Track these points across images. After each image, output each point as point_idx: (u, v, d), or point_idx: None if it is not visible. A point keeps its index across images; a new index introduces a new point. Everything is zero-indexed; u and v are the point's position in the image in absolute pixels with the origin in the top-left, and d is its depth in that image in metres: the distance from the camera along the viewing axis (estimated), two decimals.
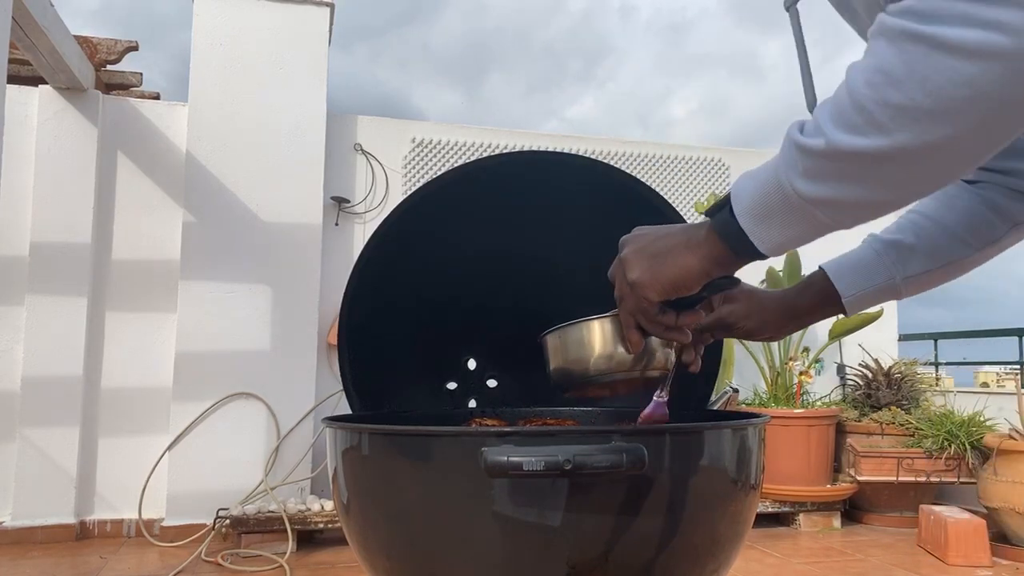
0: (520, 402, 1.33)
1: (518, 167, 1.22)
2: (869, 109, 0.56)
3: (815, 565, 2.65)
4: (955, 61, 0.51)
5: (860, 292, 0.95)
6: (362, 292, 1.20)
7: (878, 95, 0.55)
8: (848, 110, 0.57)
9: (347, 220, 3.37)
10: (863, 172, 0.58)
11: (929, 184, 0.60)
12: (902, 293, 0.96)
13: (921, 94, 0.53)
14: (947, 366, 4.36)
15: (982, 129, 0.54)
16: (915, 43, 0.53)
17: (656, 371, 0.94)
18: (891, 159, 0.56)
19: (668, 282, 0.77)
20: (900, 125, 0.55)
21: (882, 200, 0.60)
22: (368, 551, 0.93)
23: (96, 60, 3.12)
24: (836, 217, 0.63)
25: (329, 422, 0.97)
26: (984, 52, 0.50)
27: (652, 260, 0.77)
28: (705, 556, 0.90)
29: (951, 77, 0.51)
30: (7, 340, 2.95)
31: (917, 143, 0.55)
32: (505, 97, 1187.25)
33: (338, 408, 3.06)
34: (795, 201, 0.63)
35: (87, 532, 2.97)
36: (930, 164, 0.57)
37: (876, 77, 0.55)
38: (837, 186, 0.60)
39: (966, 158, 0.57)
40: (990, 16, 0.49)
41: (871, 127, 0.56)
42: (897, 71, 0.54)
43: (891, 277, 0.94)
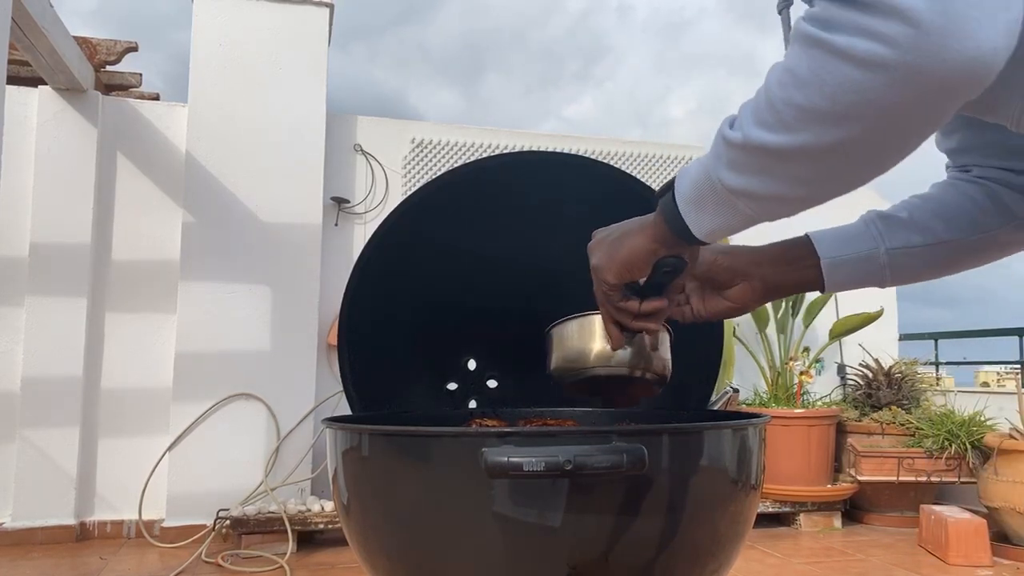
0: (520, 402, 1.33)
1: (518, 167, 1.22)
2: (778, 108, 0.59)
3: (816, 565, 2.65)
4: (847, 67, 0.54)
5: (839, 256, 0.91)
6: (362, 292, 1.20)
7: (786, 95, 0.58)
8: (763, 107, 0.60)
9: (347, 220, 3.37)
10: (774, 167, 0.61)
11: (836, 183, 0.62)
12: (886, 271, 0.92)
13: (819, 96, 0.56)
14: (947, 366, 4.36)
15: (874, 134, 0.56)
16: (815, 48, 0.55)
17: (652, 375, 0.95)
18: (796, 156, 0.59)
19: (620, 262, 0.80)
20: (802, 125, 0.58)
21: (794, 195, 0.64)
22: (368, 552, 0.93)
23: (96, 61, 3.12)
24: (755, 208, 0.66)
25: (329, 423, 0.96)
26: (870, 61, 0.52)
27: (609, 245, 0.82)
28: (705, 556, 0.89)
29: (842, 82, 0.54)
30: (7, 341, 2.95)
31: (817, 143, 0.58)
32: (503, 97, 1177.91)
33: (338, 409, 3.06)
34: (720, 191, 0.66)
35: (87, 533, 2.97)
36: (832, 163, 0.59)
37: (785, 77, 0.58)
38: (753, 178, 0.63)
39: (866, 160, 0.59)
40: (877, 28, 0.52)
41: (779, 125, 0.59)
42: (802, 73, 0.57)
43: (875, 247, 0.91)
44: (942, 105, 0.55)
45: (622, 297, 0.85)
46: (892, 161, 0.60)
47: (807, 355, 3.51)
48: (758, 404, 3.43)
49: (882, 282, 0.93)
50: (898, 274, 0.92)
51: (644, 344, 0.94)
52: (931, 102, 0.54)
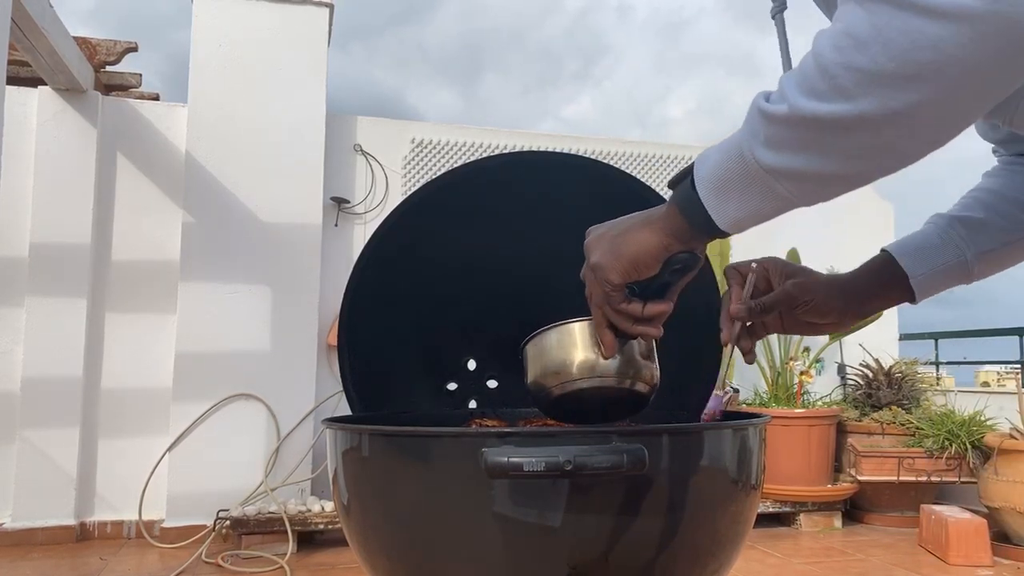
0: (520, 403, 1.33)
1: (518, 168, 1.22)
2: (833, 73, 0.53)
3: (816, 565, 2.65)
4: (922, 22, 0.48)
5: (929, 271, 0.87)
6: (362, 293, 1.20)
7: (844, 59, 0.52)
8: (813, 75, 0.55)
9: (347, 221, 3.37)
10: (825, 140, 0.56)
11: (891, 157, 0.57)
12: (973, 273, 0.88)
13: (885, 57, 0.50)
14: (948, 365, 4.36)
15: (950, 96, 0.51)
16: (881, 3, 0.50)
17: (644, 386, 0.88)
18: (854, 126, 0.54)
19: (627, 260, 0.73)
20: (864, 90, 0.52)
21: (844, 173, 0.58)
22: (368, 552, 0.93)
23: (95, 61, 3.12)
24: (795, 191, 0.60)
25: (329, 423, 0.96)
26: (952, 12, 0.47)
27: (611, 241, 0.74)
28: (706, 556, 0.89)
29: (916, 39, 0.49)
30: (7, 341, 2.95)
31: (880, 109, 0.52)
32: (501, 97, 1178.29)
33: (338, 409, 3.06)
34: (755, 171, 0.60)
35: (87, 533, 2.97)
36: (892, 134, 0.54)
37: (843, 40, 0.53)
38: (798, 155, 0.57)
39: (931, 129, 0.54)
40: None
41: (835, 92, 0.53)
42: (863, 34, 0.51)
43: (962, 255, 0.87)
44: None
45: (624, 299, 0.77)
46: (956, 132, 0.54)
47: (807, 355, 3.51)
48: (758, 404, 3.43)
49: (968, 281, 0.90)
50: (983, 271, 0.89)
51: (634, 352, 0.85)
52: (1017, 58, 0.48)
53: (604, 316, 0.80)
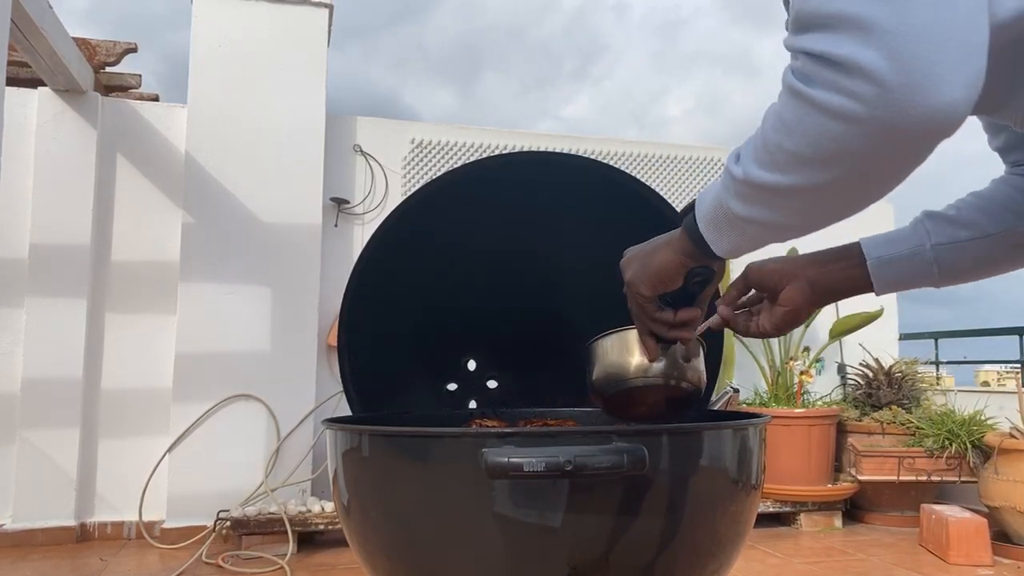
0: (521, 403, 1.33)
1: (518, 168, 1.22)
2: (771, 151, 0.64)
3: (816, 565, 2.65)
4: (825, 120, 0.58)
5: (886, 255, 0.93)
6: (362, 293, 1.20)
7: (777, 139, 0.63)
8: (760, 148, 0.66)
9: (346, 221, 3.37)
10: (772, 200, 0.68)
11: (830, 214, 0.68)
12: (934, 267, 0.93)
13: (803, 144, 0.61)
14: (948, 365, 4.36)
15: (856, 177, 0.61)
16: (798, 100, 0.60)
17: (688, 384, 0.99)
18: (790, 194, 0.65)
19: (654, 275, 0.86)
20: (792, 168, 0.63)
21: (793, 224, 0.70)
22: (369, 552, 0.93)
23: (95, 62, 3.12)
24: (762, 233, 0.72)
25: (329, 424, 0.96)
26: (844, 115, 0.57)
27: (641, 260, 0.88)
28: (706, 556, 0.89)
29: (822, 132, 0.59)
30: (7, 342, 2.95)
31: (806, 183, 0.63)
32: (499, 96, 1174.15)
33: (338, 409, 3.06)
34: (732, 217, 0.73)
35: (87, 534, 2.96)
36: (822, 199, 0.65)
37: (777, 123, 0.63)
38: (757, 209, 0.69)
39: (853, 198, 0.65)
40: (848, 85, 0.56)
41: (773, 166, 0.65)
42: (788, 121, 0.62)
43: (920, 243, 0.93)
44: (913, 152, 0.59)
45: (657, 308, 0.91)
46: (877, 196, 0.65)
47: (807, 355, 3.51)
48: (758, 404, 3.43)
49: (933, 280, 0.94)
50: (946, 271, 0.93)
51: (678, 356, 0.98)
52: (902, 150, 0.58)
53: (644, 325, 0.94)
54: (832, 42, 0.56)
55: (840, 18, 0.56)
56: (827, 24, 0.57)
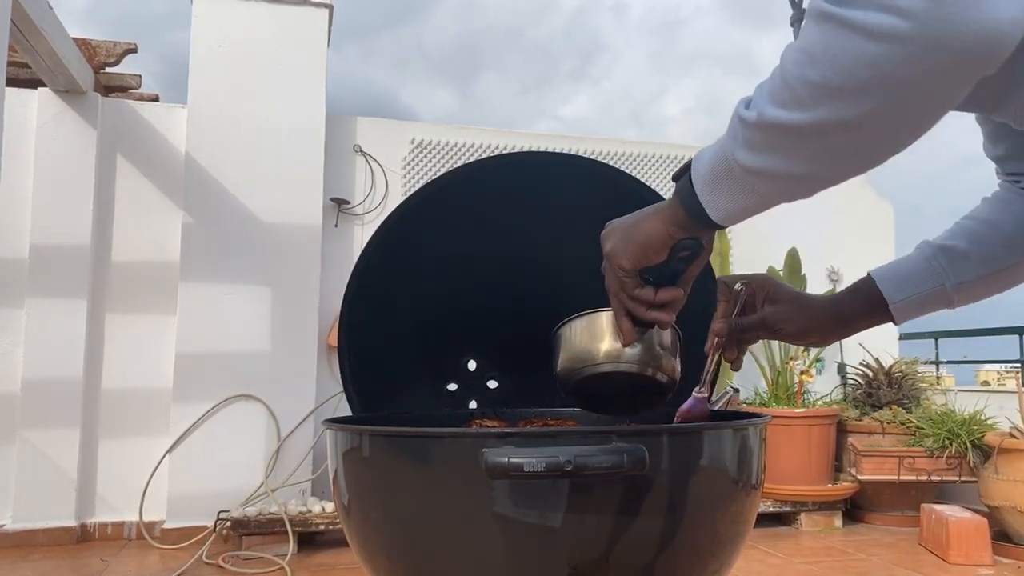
0: (521, 403, 1.33)
1: (518, 168, 1.22)
2: (792, 85, 0.58)
3: (817, 564, 2.65)
4: (861, 41, 0.53)
5: (908, 297, 0.92)
6: (362, 293, 1.20)
7: (800, 72, 0.57)
8: (778, 85, 0.60)
9: (347, 221, 3.37)
10: (790, 144, 0.61)
11: (853, 161, 0.62)
12: (954, 301, 0.92)
13: (832, 72, 0.55)
14: (948, 365, 4.36)
15: (890, 110, 0.55)
16: (830, 23, 0.55)
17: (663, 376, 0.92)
18: (812, 133, 0.59)
19: (637, 247, 0.79)
20: (817, 102, 0.57)
21: (811, 173, 0.63)
22: (369, 552, 0.93)
23: (95, 62, 3.12)
24: (772, 188, 0.66)
25: (329, 424, 0.96)
26: (886, 34, 0.51)
27: (624, 231, 0.81)
28: (706, 556, 0.89)
29: (857, 57, 0.53)
30: (7, 342, 2.95)
31: (832, 119, 0.57)
32: (498, 96, 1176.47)
33: (338, 410, 3.06)
34: (736, 171, 0.66)
35: (88, 535, 2.97)
36: (848, 140, 0.59)
37: (800, 55, 0.58)
38: (769, 157, 0.63)
39: (882, 137, 0.59)
40: (892, 1, 0.51)
41: (794, 102, 0.58)
42: (815, 50, 0.56)
43: (941, 283, 0.91)
44: (960, 79, 0.54)
45: (637, 285, 0.83)
46: (909, 139, 0.59)
47: (807, 354, 3.51)
48: (759, 404, 3.43)
49: (949, 307, 0.94)
50: (963, 300, 0.93)
51: (654, 342, 0.90)
52: (948, 75, 0.53)
53: (621, 304, 0.85)
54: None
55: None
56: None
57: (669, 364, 0.92)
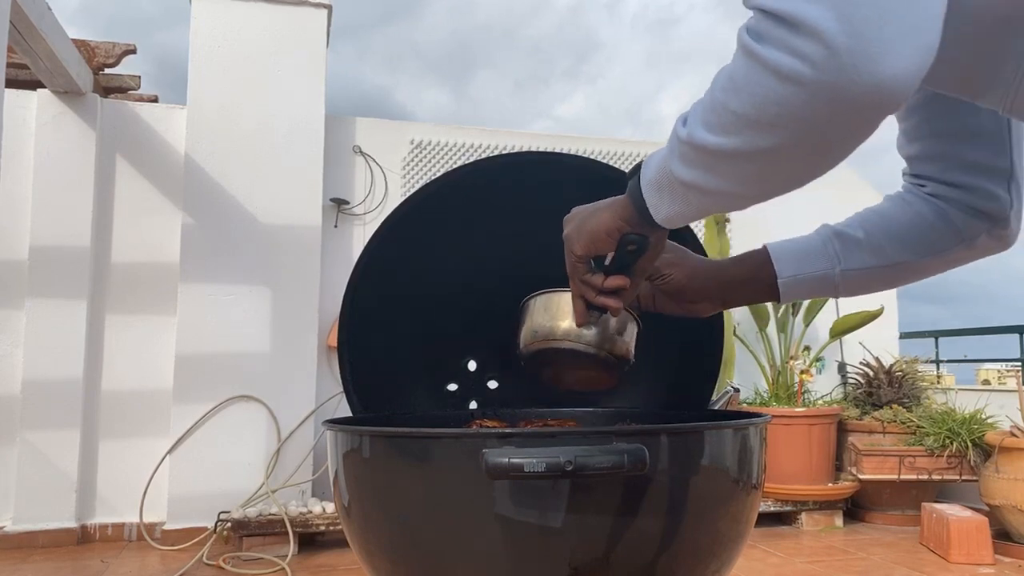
0: (521, 403, 1.33)
1: (518, 168, 1.22)
2: (719, 111, 0.62)
3: (818, 564, 2.65)
4: (772, 80, 0.56)
5: (795, 275, 0.96)
6: (362, 294, 1.20)
7: (725, 99, 0.61)
8: (708, 108, 0.63)
9: (346, 222, 3.37)
10: (716, 165, 0.64)
11: (773, 183, 0.65)
12: (839, 288, 0.96)
13: (749, 105, 0.59)
14: (948, 364, 4.36)
15: (798, 144, 0.59)
16: (748, 58, 0.58)
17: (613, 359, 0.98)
18: (733, 157, 0.62)
19: (588, 235, 0.84)
20: (737, 130, 0.61)
21: (737, 192, 0.66)
22: (369, 553, 0.93)
23: (94, 64, 3.12)
24: (704, 201, 0.69)
25: (330, 425, 0.96)
26: (791, 77, 0.55)
27: (581, 219, 0.86)
28: (707, 556, 0.89)
29: (768, 94, 0.57)
30: (7, 344, 2.95)
31: (749, 147, 0.61)
32: (493, 95, 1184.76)
33: (338, 410, 3.06)
34: (674, 181, 0.69)
35: (88, 536, 2.96)
36: (765, 166, 0.62)
37: (727, 83, 0.61)
38: (699, 173, 0.66)
39: (795, 167, 0.62)
40: (798, 45, 0.54)
41: (719, 127, 0.62)
42: (738, 80, 0.59)
43: (831, 267, 0.95)
44: (858, 122, 0.57)
45: (588, 270, 0.88)
46: (821, 169, 0.62)
47: (808, 354, 3.51)
48: (759, 403, 3.43)
49: (834, 295, 0.98)
50: (849, 290, 0.97)
51: (609, 326, 0.97)
52: (846, 119, 0.56)
53: (575, 286, 0.91)
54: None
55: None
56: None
57: (622, 346, 0.98)
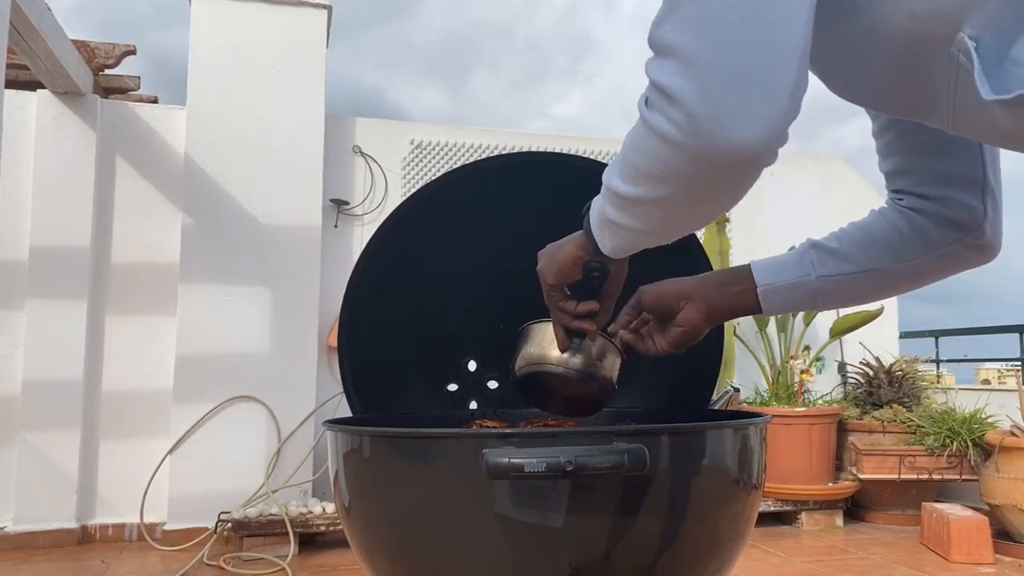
0: (521, 404, 1.33)
1: (517, 168, 1.22)
2: (626, 164, 0.70)
3: (818, 563, 2.65)
4: (655, 141, 0.64)
5: (772, 284, 1.01)
6: (362, 294, 1.20)
7: (630, 155, 0.69)
8: (620, 161, 0.72)
9: (346, 222, 3.37)
10: (632, 210, 0.73)
11: (679, 225, 0.74)
12: (817, 296, 1.00)
13: (643, 161, 0.67)
14: (948, 363, 4.36)
15: (686, 194, 0.67)
16: (640, 121, 0.66)
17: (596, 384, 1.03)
18: (642, 204, 0.71)
19: (557, 266, 0.92)
20: (638, 181, 0.69)
21: (651, 230, 0.75)
22: (370, 553, 0.93)
23: (94, 64, 3.12)
24: (633, 238, 0.78)
25: (330, 425, 0.96)
26: (667, 140, 0.62)
27: (551, 253, 0.94)
28: (707, 556, 0.89)
29: (655, 152, 0.65)
30: (7, 344, 2.95)
31: (650, 196, 0.69)
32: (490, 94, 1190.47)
33: (339, 410, 3.06)
34: (607, 221, 0.78)
35: (89, 536, 2.96)
36: (666, 211, 0.71)
37: (630, 141, 0.69)
38: (624, 216, 0.75)
39: (691, 214, 0.71)
40: (670, 112, 0.61)
41: (627, 178, 0.71)
42: (636, 139, 0.67)
43: (806, 274, 1.00)
44: (728, 178, 0.64)
45: (561, 298, 0.96)
46: (714, 213, 0.70)
47: (808, 353, 3.51)
48: (759, 403, 3.43)
49: (816, 306, 1.02)
50: (829, 299, 1.01)
51: (591, 353, 1.03)
52: (717, 175, 0.63)
53: (554, 314, 0.99)
54: (661, 70, 0.62)
55: (669, 48, 0.61)
56: (662, 53, 0.62)
57: (605, 373, 1.04)
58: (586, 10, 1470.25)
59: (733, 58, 0.59)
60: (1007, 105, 0.62)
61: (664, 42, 0.62)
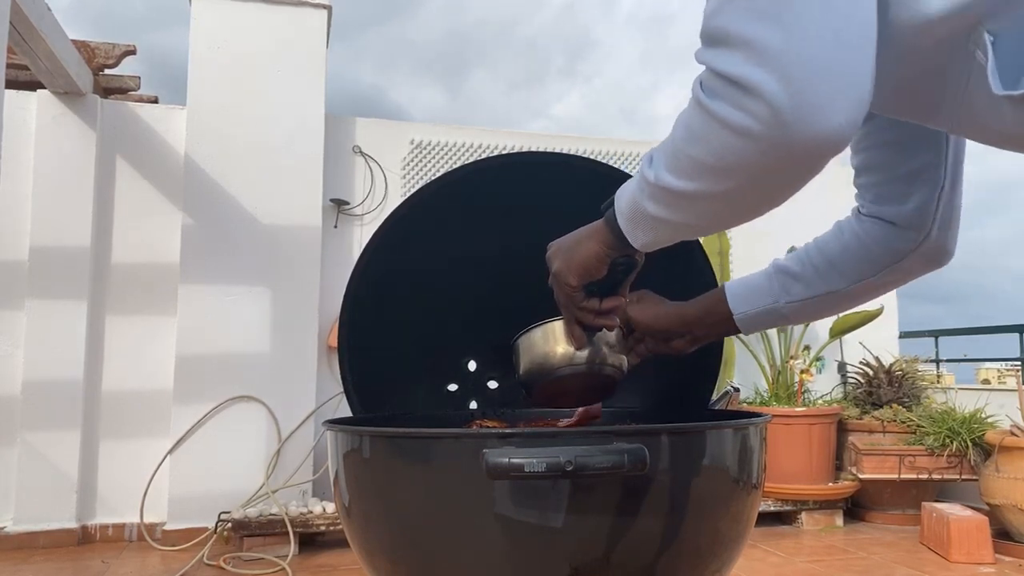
0: (521, 403, 1.33)
1: (517, 168, 1.22)
2: (679, 157, 0.69)
3: (818, 563, 2.65)
4: (724, 133, 0.62)
5: (746, 312, 1.07)
6: (362, 294, 1.20)
7: (685, 147, 0.68)
8: (670, 154, 0.70)
9: (346, 222, 3.37)
10: (679, 203, 0.72)
11: (731, 219, 0.74)
12: (789, 318, 1.07)
13: (705, 153, 0.65)
14: (948, 363, 4.36)
15: (752, 188, 0.66)
16: (703, 112, 0.64)
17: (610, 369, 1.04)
18: (695, 199, 0.70)
19: (579, 265, 0.90)
20: (696, 175, 0.68)
21: (700, 225, 0.75)
22: (370, 553, 0.93)
23: (94, 64, 3.12)
24: (673, 232, 0.77)
25: (330, 425, 0.97)
26: (743, 132, 0.61)
27: (567, 252, 0.92)
28: (707, 556, 0.89)
29: (723, 145, 0.63)
30: (7, 345, 2.95)
31: (708, 190, 0.68)
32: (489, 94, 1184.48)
33: (339, 410, 3.06)
34: (646, 216, 0.77)
35: (89, 536, 2.96)
36: (722, 206, 0.70)
37: (685, 132, 0.68)
38: (668, 210, 0.74)
39: (750, 206, 0.70)
40: (747, 104, 0.60)
41: (681, 172, 0.69)
42: (695, 130, 0.66)
43: (776, 300, 1.06)
44: (804, 169, 0.63)
45: (584, 297, 0.95)
46: (768, 207, 0.70)
47: (807, 353, 3.51)
48: (759, 403, 3.43)
49: (788, 323, 1.10)
50: (799, 318, 1.08)
51: (602, 343, 1.04)
52: (793, 167, 0.63)
53: (571, 314, 0.97)
54: (732, 62, 0.60)
55: (740, 39, 0.60)
56: (729, 43, 0.60)
57: (616, 359, 1.05)
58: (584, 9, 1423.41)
59: (813, 47, 0.58)
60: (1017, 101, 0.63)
61: (728, 32, 0.60)
